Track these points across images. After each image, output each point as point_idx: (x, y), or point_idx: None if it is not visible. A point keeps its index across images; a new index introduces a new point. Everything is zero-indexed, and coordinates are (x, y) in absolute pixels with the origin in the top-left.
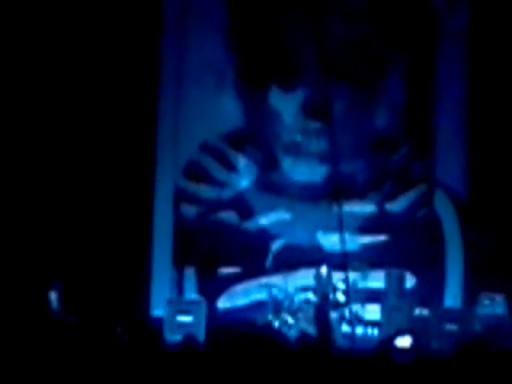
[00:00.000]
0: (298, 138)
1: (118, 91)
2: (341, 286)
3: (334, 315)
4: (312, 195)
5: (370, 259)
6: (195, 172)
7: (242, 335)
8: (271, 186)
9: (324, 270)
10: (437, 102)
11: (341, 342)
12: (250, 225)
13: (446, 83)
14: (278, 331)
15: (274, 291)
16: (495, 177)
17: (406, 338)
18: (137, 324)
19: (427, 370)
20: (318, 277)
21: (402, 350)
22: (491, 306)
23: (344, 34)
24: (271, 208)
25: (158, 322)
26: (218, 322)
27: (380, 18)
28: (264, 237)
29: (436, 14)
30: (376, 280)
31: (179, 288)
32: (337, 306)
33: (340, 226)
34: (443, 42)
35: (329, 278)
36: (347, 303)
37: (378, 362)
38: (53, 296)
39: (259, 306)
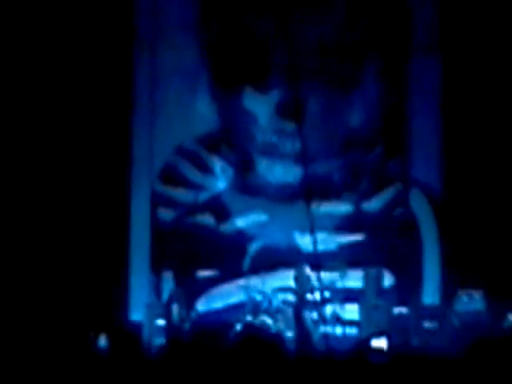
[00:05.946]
0: (273, 139)
1: (92, 96)
2: (318, 286)
3: (312, 315)
4: (288, 196)
5: (347, 258)
6: (171, 176)
7: (222, 337)
8: (247, 187)
9: (305, 270)
10: (411, 100)
11: (319, 342)
12: (226, 227)
13: (421, 82)
14: (260, 331)
15: (252, 293)
16: (470, 174)
17: (381, 339)
18: (116, 329)
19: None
20: (297, 277)
21: (379, 351)
22: (469, 302)
23: (316, 34)
24: (248, 210)
25: (137, 326)
26: (197, 325)
27: (352, 17)
28: (241, 239)
29: (408, 8)
30: (354, 279)
31: (157, 292)
32: (315, 306)
33: (311, 226)
34: (417, 39)
35: (308, 279)
36: (323, 303)
37: (354, 363)
38: None
39: (238, 308)
